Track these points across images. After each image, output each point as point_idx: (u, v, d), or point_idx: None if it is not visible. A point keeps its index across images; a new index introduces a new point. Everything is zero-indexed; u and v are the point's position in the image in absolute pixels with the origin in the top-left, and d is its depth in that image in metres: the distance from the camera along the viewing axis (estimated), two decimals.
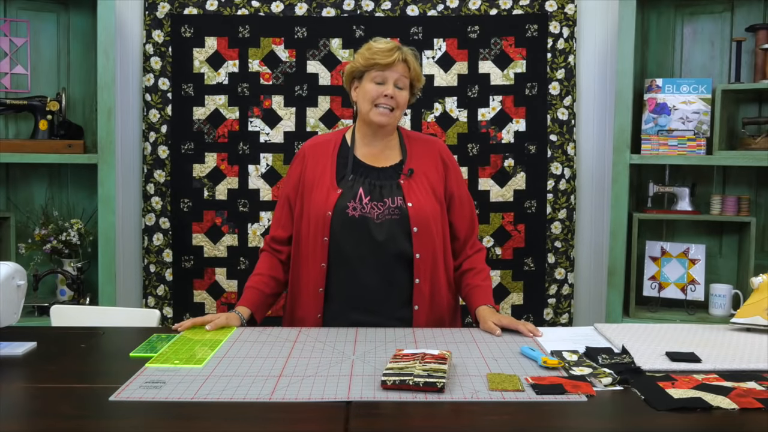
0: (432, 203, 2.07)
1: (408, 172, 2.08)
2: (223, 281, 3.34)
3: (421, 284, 2.06)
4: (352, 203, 2.03)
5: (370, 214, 2.02)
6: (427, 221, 2.04)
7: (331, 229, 2.03)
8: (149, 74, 3.30)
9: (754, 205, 3.13)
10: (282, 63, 3.30)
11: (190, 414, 1.34)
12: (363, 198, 2.03)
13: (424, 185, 2.08)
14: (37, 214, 3.25)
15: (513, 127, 3.30)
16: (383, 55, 2.03)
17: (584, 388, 1.44)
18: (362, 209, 2.03)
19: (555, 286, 3.33)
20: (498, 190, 3.31)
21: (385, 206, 2.03)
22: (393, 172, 2.10)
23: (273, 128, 3.31)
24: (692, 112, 3.06)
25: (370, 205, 2.03)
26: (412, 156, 2.12)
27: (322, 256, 2.04)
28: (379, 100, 2.04)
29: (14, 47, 3.18)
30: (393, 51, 2.04)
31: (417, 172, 2.09)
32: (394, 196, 2.04)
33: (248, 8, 3.28)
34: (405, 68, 2.06)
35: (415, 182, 2.07)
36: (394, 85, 2.05)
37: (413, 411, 1.36)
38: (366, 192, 2.04)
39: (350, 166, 2.09)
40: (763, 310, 1.92)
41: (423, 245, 2.04)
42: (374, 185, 2.06)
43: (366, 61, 2.05)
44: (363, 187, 2.05)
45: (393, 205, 2.03)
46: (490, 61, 3.29)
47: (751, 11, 3.10)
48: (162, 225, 3.34)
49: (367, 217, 2.02)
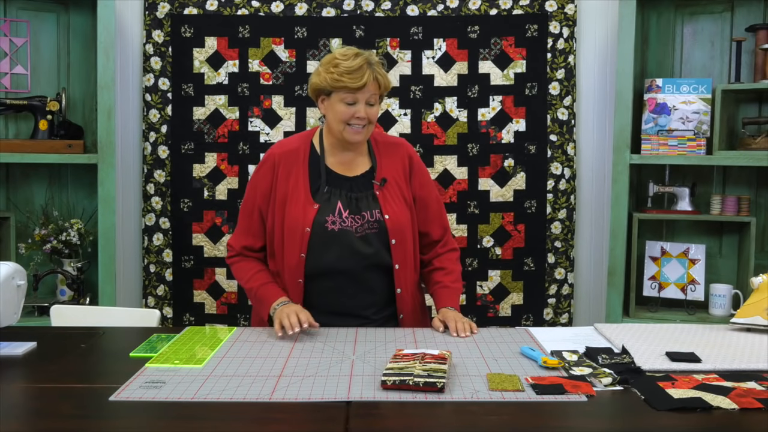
0: (405, 211, 2.05)
1: (381, 181, 2.04)
2: (223, 281, 3.34)
3: (403, 293, 2.06)
4: (331, 217, 1.98)
5: (350, 228, 1.99)
6: (403, 231, 2.03)
7: (309, 244, 1.99)
8: (149, 74, 3.30)
9: (754, 205, 3.13)
10: (282, 63, 3.30)
11: (190, 414, 1.34)
12: (342, 212, 2.00)
13: (396, 193, 2.05)
14: (37, 214, 3.25)
15: (513, 127, 3.30)
16: (353, 77, 1.92)
17: (584, 388, 1.44)
18: (342, 223, 1.99)
19: (555, 286, 3.33)
20: (498, 190, 3.31)
21: (364, 220, 2.00)
22: (365, 181, 2.05)
23: (273, 128, 3.31)
24: (692, 112, 3.06)
25: (349, 218, 1.99)
26: (381, 163, 2.07)
27: (299, 272, 2.01)
28: (352, 121, 1.96)
29: (14, 47, 3.18)
30: (363, 71, 1.92)
31: (391, 180, 2.05)
32: (371, 209, 2.01)
33: (248, 8, 3.28)
34: (375, 86, 1.97)
35: (388, 191, 2.04)
36: (366, 103, 1.96)
37: (413, 411, 1.36)
38: (344, 205, 2.00)
39: (324, 178, 2.03)
40: (763, 310, 1.92)
41: (401, 256, 2.04)
42: (351, 198, 2.01)
43: (334, 83, 1.93)
44: (341, 201, 2.00)
45: (372, 219, 2.00)
46: (490, 61, 3.29)
47: (751, 11, 3.10)
48: (162, 225, 3.34)
49: (348, 231, 1.99)
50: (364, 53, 1.98)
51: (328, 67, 1.96)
